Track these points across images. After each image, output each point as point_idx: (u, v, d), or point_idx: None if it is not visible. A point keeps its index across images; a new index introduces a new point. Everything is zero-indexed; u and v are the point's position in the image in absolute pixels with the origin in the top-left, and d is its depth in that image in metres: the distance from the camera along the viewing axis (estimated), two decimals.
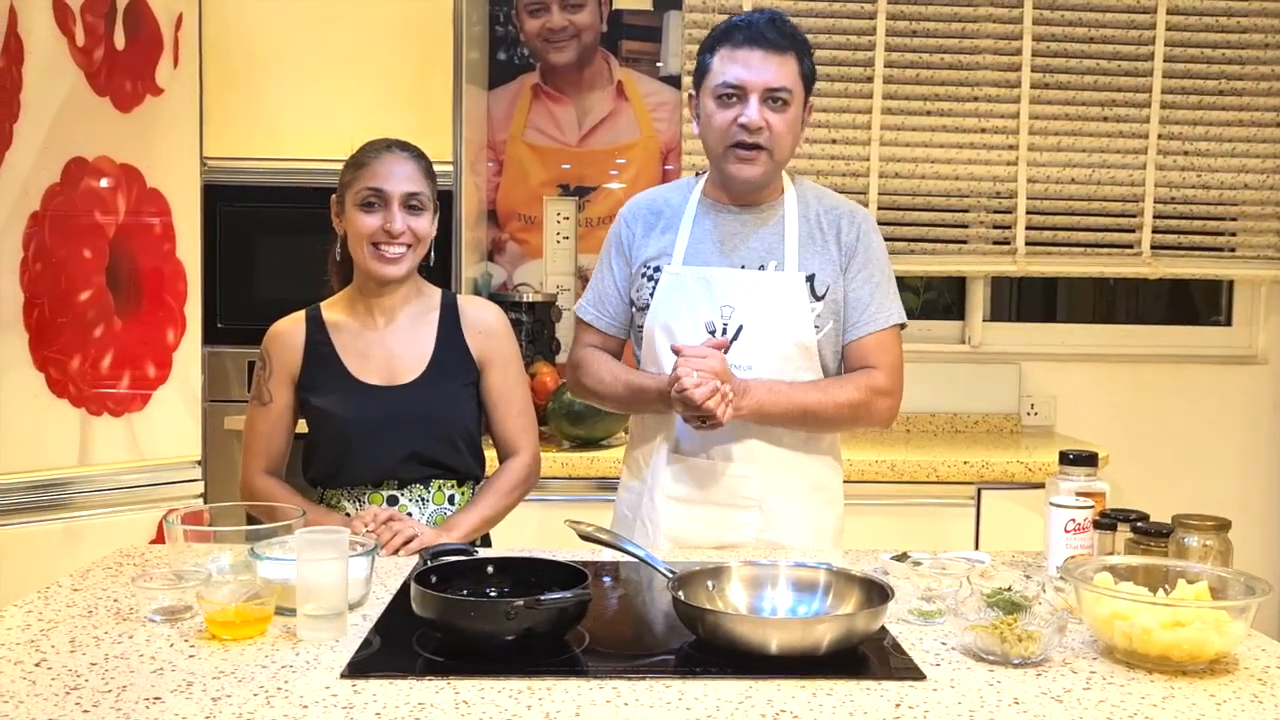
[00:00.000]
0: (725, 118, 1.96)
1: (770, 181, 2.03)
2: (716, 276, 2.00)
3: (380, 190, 1.98)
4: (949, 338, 3.73)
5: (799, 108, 1.99)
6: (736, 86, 1.95)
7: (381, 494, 2.03)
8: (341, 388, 2.02)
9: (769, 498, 2.00)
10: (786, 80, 1.95)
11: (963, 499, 3.05)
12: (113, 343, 2.69)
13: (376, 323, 2.06)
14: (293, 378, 2.06)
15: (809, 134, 3.54)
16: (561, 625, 1.42)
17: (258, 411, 2.07)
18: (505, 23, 3.58)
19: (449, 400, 2.05)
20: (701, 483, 2.01)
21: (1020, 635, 1.39)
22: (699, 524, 2.01)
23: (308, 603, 1.45)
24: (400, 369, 2.04)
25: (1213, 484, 3.60)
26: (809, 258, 2.02)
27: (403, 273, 2.02)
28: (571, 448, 3.12)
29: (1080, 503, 1.76)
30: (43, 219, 2.58)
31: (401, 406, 2.01)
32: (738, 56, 1.95)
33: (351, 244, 2.03)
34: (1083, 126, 3.57)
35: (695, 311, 2.00)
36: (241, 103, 3.00)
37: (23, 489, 2.59)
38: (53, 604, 1.59)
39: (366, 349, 2.05)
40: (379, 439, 2.00)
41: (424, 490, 2.05)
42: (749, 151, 1.96)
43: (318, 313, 2.08)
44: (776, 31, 1.95)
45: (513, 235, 3.62)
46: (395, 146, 2.03)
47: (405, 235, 1.99)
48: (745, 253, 2.03)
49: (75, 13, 2.60)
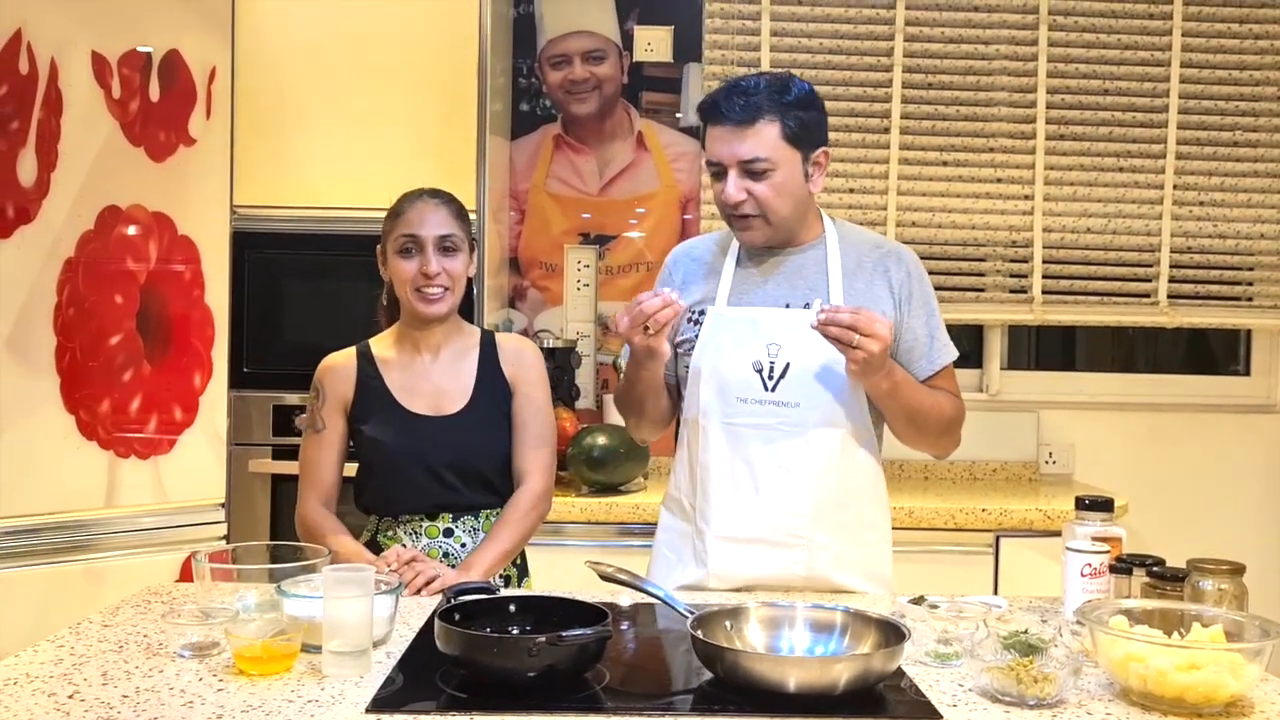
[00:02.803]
0: (717, 191, 2.03)
1: (782, 238, 2.05)
2: (762, 316, 2.03)
3: (415, 236, 2.09)
4: (967, 386, 3.74)
5: (790, 167, 1.99)
6: (716, 164, 2.01)
7: (437, 525, 2.12)
8: (391, 418, 2.12)
9: (817, 535, 1.99)
10: (759, 150, 1.95)
11: (981, 546, 3.05)
12: (141, 386, 2.74)
13: (423, 358, 2.16)
14: (345, 407, 2.15)
15: (827, 183, 3.58)
16: (582, 662, 1.44)
17: (311, 440, 2.16)
18: (528, 75, 3.66)
19: (492, 427, 2.15)
20: (748, 521, 2.01)
21: (1036, 677, 1.40)
22: (747, 563, 2.01)
23: (333, 639, 1.48)
24: (446, 400, 2.14)
25: (1230, 533, 3.59)
26: (854, 295, 2.03)
27: (444, 311, 2.12)
28: (590, 493, 3.14)
29: (1096, 547, 1.77)
30: (76, 265, 2.64)
31: (448, 435, 2.11)
32: (713, 134, 2.00)
33: (396, 288, 2.14)
34: (1098, 177, 3.61)
35: (742, 350, 2.01)
36: (271, 151, 3.07)
37: (50, 529, 2.63)
38: (84, 639, 1.62)
39: (414, 382, 2.15)
40: (428, 466, 2.10)
41: (474, 520, 2.13)
42: (742, 220, 2.01)
43: (367, 349, 2.18)
44: (738, 104, 1.96)
45: (534, 282, 3.67)
46: (427, 194, 2.14)
47: (441, 277, 2.09)
48: (789, 291, 2.05)
49: (113, 66, 2.68)
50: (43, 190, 2.59)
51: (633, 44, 3.66)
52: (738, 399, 2.00)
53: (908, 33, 3.57)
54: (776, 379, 1.99)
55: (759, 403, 1.99)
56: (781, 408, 1.98)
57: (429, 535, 2.11)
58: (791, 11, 3.58)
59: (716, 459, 2.02)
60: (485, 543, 2.10)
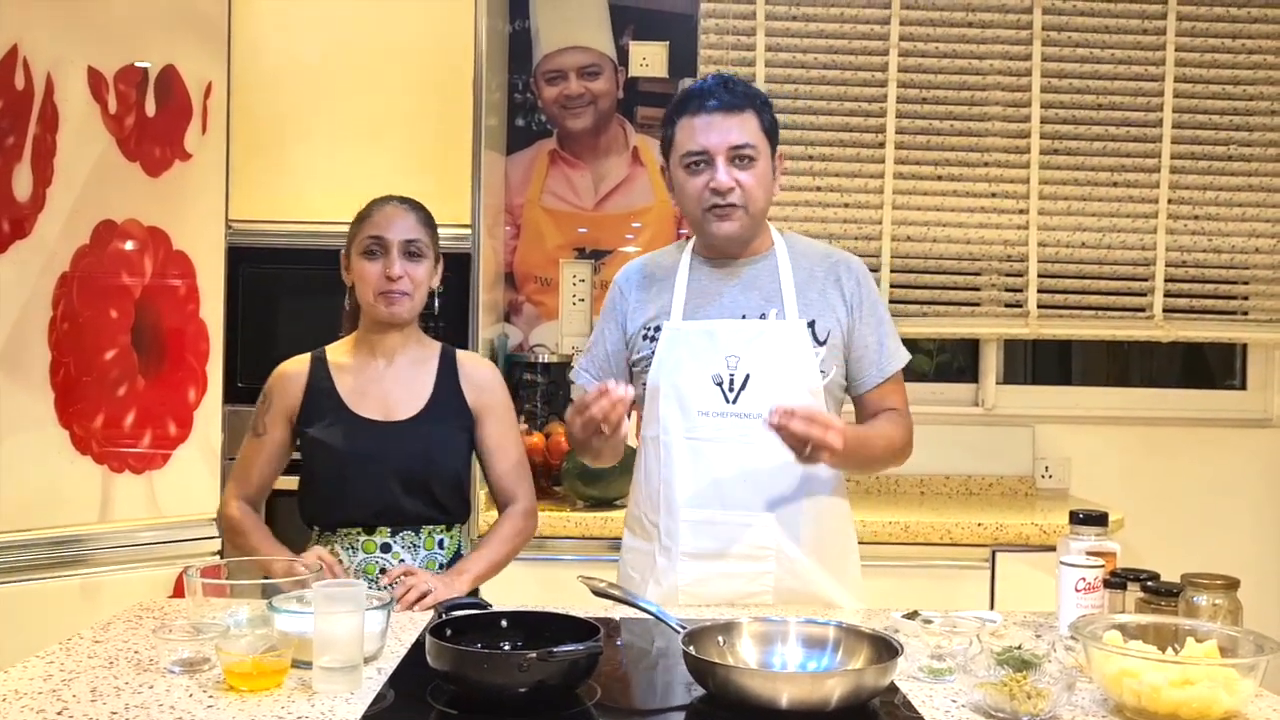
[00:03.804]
0: (697, 184, 2.01)
1: (751, 235, 2.07)
2: (719, 328, 2.03)
3: (381, 238, 2.08)
4: (962, 400, 3.75)
5: (767, 161, 2.04)
6: (701, 152, 2.00)
7: (375, 540, 2.06)
8: (339, 421, 2.08)
9: (785, 546, 2.00)
10: (748, 136, 2.00)
11: (977, 561, 3.05)
12: (135, 401, 2.74)
13: (378, 363, 2.13)
14: (290, 417, 2.13)
15: (821, 197, 3.60)
16: (574, 678, 1.43)
17: (250, 442, 2.15)
18: (524, 90, 3.67)
19: (444, 440, 2.11)
20: (715, 536, 2.01)
21: (1030, 692, 1.40)
22: (715, 579, 2.01)
23: (324, 655, 1.47)
24: (397, 406, 2.11)
25: (1227, 547, 3.58)
26: (808, 304, 2.05)
27: (404, 314, 2.10)
28: (585, 507, 3.14)
29: (1090, 562, 1.77)
30: (71, 280, 2.64)
31: (396, 441, 2.07)
32: (697, 123, 2.01)
33: (358, 290, 2.12)
34: (1092, 191, 3.61)
35: (700, 364, 2.02)
36: (266, 166, 3.07)
37: (44, 544, 2.63)
38: (74, 655, 1.62)
39: (366, 386, 2.12)
40: (373, 472, 2.05)
41: (414, 536, 2.08)
42: (725, 210, 2.01)
43: (323, 354, 2.17)
44: (730, 92, 2.02)
45: (529, 297, 3.67)
46: (395, 199, 2.14)
47: (404, 281, 2.07)
48: (744, 302, 2.06)
49: (109, 81, 2.69)
50: (38, 205, 2.59)
51: (628, 59, 3.67)
52: (699, 413, 2.00)
53: (902, 47, 3.58)
54: (737, 391, 2.00)
55: (721, 415, 2.00)
56: (744, 420, 1.98)
57: (365, 550, 2.06)
58: (786, 27, 3.59)
59: (680, 475, 2.02)
60: (477, 550, 2.10)
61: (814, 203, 3.60)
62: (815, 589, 2.01)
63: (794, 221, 3.53)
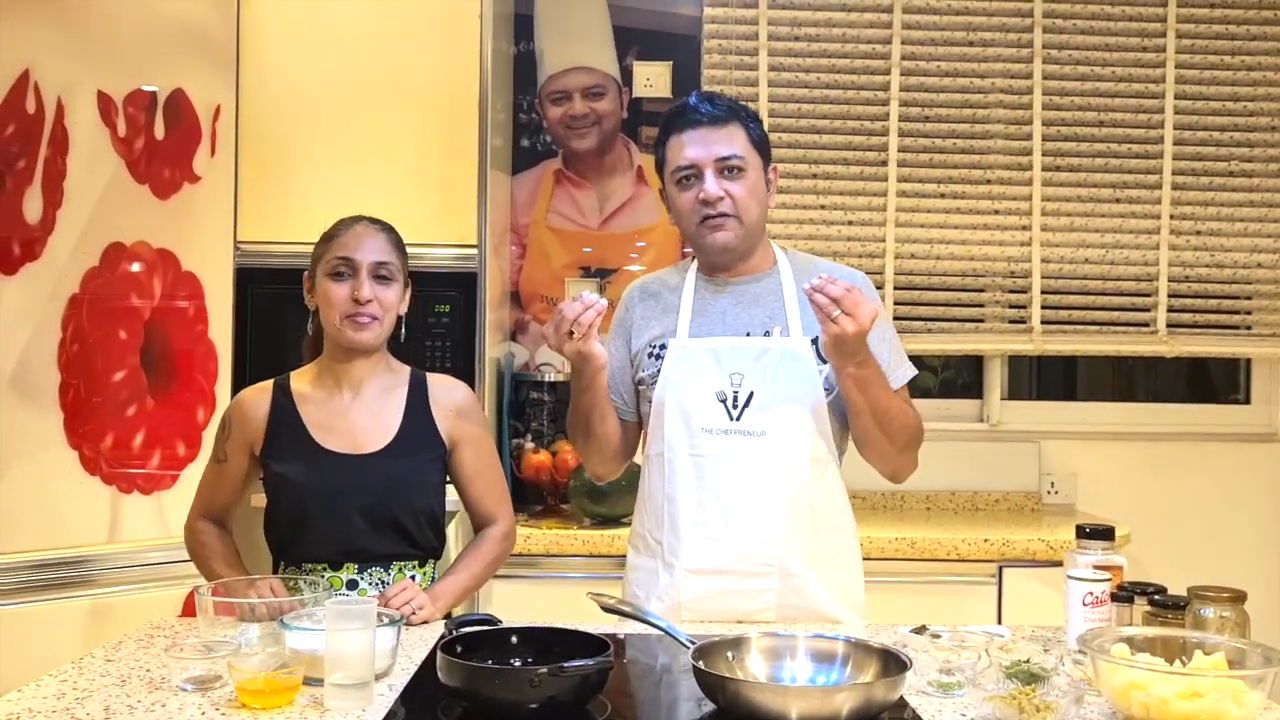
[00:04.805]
0: (688, 198, 2.05)
1: (747, 246, 2.08)
2: (724, 346, 2.05)
3: (350, 259, 2.00)
4: (967, 416, 3.76)
5: (758, 173, 2.06)
6: (690, 166, 2.04)
7: (341, 577, 1.99)
8: (304, 455, 2.00)
9: (788, 563, 2.00)
10: (735, 148, 2.03)
11: (984, 577, 3.05)
12: (145, 422, 2.75)
13: (343, 394, 2.05)
14: (251, 446, 2.06)
15: (825, 215, 3.62)
16: (584, 694, 1.44)
17: (211, 467, 2.12)
18: (529, 110, 3.70)
19: (414, 472, 2.03)
20: (718, 552, 2.01)
21: (1038, 705, 1.41)
22: (718, 595, 2.01)
23: (335, 672, 1.48)
24: (365, 439, 2.02)
25: (1233, 561, 3.57)
26: (812, 321, 2.04)
27: (371, 340, 2.01)
28: (592, 525, 3.14)
29: (1098, 576, 1.77)
30: (81, 301, 2.66)
31: (365, 475, 1.99)
32: (685, 139, 2.05)
33: (323, 314, 2.03)
34: (1095, 208, 3.63)
35: (704, 381, 2.03)
36: (274, 188, 3.09)
37: (53, 565, 2.63)
38: (86, 674, 1.63)
39: (331, 419, 2.03)
40: (339, 508, 1.97)
41: (384, 573, 2.00)
42: (717, 219, 2.03)
43: (286, 381, 2.09)
44: (714, 105, 2.06)
45: (535, 316, 3.68)
46: (365, 219, 2.06)
47: (373, 305, 1.99)
48: (749, 320, 2.07)
49: (118, 105, 2.71)
50: (48, 227, 2.61)
51: (632, 79, 3.69)
52: (703, 430, 2.01)
53: (904, 66, 3.61)
54: (741, 408, 2.01)
55: (725, 433, 2.00)
56: (747, 437, 1.99)
57: (332, 586, 1.97)
58: (788, 47, 3.62)
59: (684, 492, 2.02)
60: (451, 572, 2.05)
61: (818, 220, 3.62)
62: (818, 607, 2.01)
63: (798, 239, 3.55)
